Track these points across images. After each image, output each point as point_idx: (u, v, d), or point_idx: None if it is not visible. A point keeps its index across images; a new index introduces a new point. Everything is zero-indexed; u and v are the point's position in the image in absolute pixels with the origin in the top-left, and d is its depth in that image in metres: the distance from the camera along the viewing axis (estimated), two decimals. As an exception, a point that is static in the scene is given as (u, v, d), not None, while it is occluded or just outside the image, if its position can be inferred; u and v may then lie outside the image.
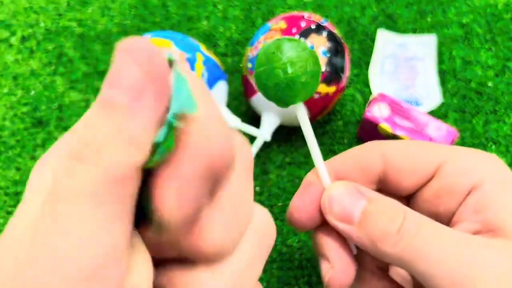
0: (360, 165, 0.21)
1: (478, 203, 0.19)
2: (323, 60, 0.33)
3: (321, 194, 0.20)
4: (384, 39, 0.45)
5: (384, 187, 0.21)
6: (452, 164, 0.20)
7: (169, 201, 0.11)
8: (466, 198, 0.19)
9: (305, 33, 0.34)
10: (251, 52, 0.35)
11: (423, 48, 0.44)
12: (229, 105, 0.41)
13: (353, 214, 0.19)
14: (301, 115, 0.21)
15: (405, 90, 0.42)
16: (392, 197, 0.20)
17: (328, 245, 0.20)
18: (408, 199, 0.22)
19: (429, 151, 0.20)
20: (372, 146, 0.21)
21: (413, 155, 0.20)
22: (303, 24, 0.34)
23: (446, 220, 0.20)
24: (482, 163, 0.19)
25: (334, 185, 0.20)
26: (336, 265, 0.20)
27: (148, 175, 0.12)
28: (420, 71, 0.42)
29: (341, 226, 0.19)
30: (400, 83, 0.42)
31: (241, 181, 0.14)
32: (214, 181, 0.12)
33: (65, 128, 0.40)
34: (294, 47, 0.19)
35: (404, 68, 0.43)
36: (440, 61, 0.44)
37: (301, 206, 0.20)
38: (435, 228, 0.18)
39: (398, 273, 0.23)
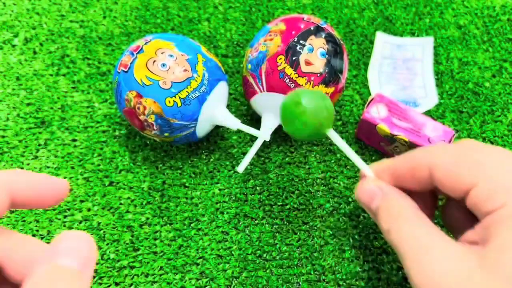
0: (410, 172, 0.26)
1: (490, 222, 0.22)
2: (322, 62, 0.34)
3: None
4: (382, 40, 0.45)
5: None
6: (481, 189, 0.23)
7: None
8: (489, 215, 0.23)
9: (304, 35, 0.34)
10: (251, 53, 0.36)
11: (421, 49, 0.44)
12: (229, 106, 0.42)
13: (371, 205, 0.27)
14: (331, 137, 0.28)
15: (403, 90, 0.42)
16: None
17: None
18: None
19: (467, 169, 0.23)
20: (421, 156, 0.26)
21: (453, 174, 0.24)
22: (302, 26, 0.35)
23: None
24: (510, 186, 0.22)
25: (367, 180, 0.28)
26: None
27: None
28: (418, 72, 0.43)
29: (366, 209, 0.27)
30: (398, 83, 0.43)
31: None
32: None
33: (68, 129, 0.40)
34: (311, 98, 0.27)
35: (403, 69, 0.43)
36: (438, 62, 0.44)
37: (362, 190, 0.28)
38: (410, 230, 0.24)
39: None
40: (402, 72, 0.43)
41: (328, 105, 0.27)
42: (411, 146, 0.35)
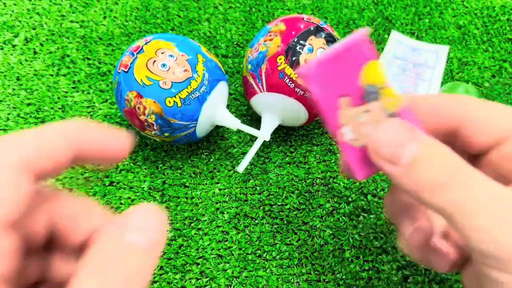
0: (438, 109, 0.21)
1: None
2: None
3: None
4: (397, 40, 0.45)
5: (453, 141, 0.21)
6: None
7: None
8: None
9: (304, 35, 0.34)
10: (251, 53, 0.36)
11: (435, 56, 0.44)
12: (229, 106, 0.42)
13: (401, 155, 0.18)
14: None
15: (403, 92, 0.42)
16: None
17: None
18: (474, 158, 0.22)
19: (507, 117, 0.20)
20: (455, 99, 0.21)
21: (491, 117, 0.20)
22: (302, 26, 0.35)
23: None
24: None
25: (388, 120, 0.19)
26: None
27: None
28: (426, 79, 0.43)
29: (386, 166, 0.18)
30: (401, 85, 0.42)
31: None
32: None
33: (68, 128, 0.41)
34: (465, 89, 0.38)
35: (411, 73, 0.43)
36: (438, 62, 0.44)
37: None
38: (485, 185, 0.17)
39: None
40: (410, 76, 0.43)
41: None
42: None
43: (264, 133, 0.36)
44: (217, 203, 0.37)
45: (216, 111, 0.35)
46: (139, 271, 0.16)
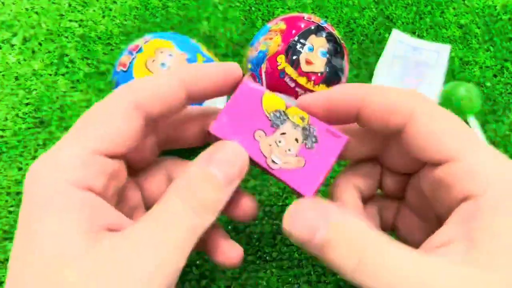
0: (340, 102, 0.21)
1: (470, 212, 0.18)
2: (322, 61, 0.34)
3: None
4: (398, 39, 0.45)
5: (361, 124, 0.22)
6: (459, 166, 0.19)
7: None
8: (460, 205, 0.19)
9: (305, 34, 0.34)
10: (251, 52, 0.36)
11: (436, 56, 0.44)
12: (229, 106, 0.42)
13: (314, 237, 0.18)
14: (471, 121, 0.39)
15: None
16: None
17: None
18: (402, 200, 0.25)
19: (451, 136, 0.19)
20: (354, 86, 0.22)
21: (434, 138, 0.19)
22: (302, 25, 0.34)
23: (444, 213, 0.20)
24: (490, 168, 0.18)
25: (302, 206, 0.20)
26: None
27: None
28: (427, 79, 0.42)
29: (302, 246, 0.19)
30: (402, 85, 0.42)
31: None
32: None
33: (66, 128, 0.40)
34: (466, 90, 0.39)
35: (412, 71, 0.43)
36: (439, 62, 0.44)
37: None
38: (391, 259, 0.18)
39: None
40: (411, 75, 0.43)
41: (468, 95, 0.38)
42: (306, 134, 0.22)
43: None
44: (216, 203, 0.37)
45: (215, 111, 0.35)
46: (213, 200, 0.19)
